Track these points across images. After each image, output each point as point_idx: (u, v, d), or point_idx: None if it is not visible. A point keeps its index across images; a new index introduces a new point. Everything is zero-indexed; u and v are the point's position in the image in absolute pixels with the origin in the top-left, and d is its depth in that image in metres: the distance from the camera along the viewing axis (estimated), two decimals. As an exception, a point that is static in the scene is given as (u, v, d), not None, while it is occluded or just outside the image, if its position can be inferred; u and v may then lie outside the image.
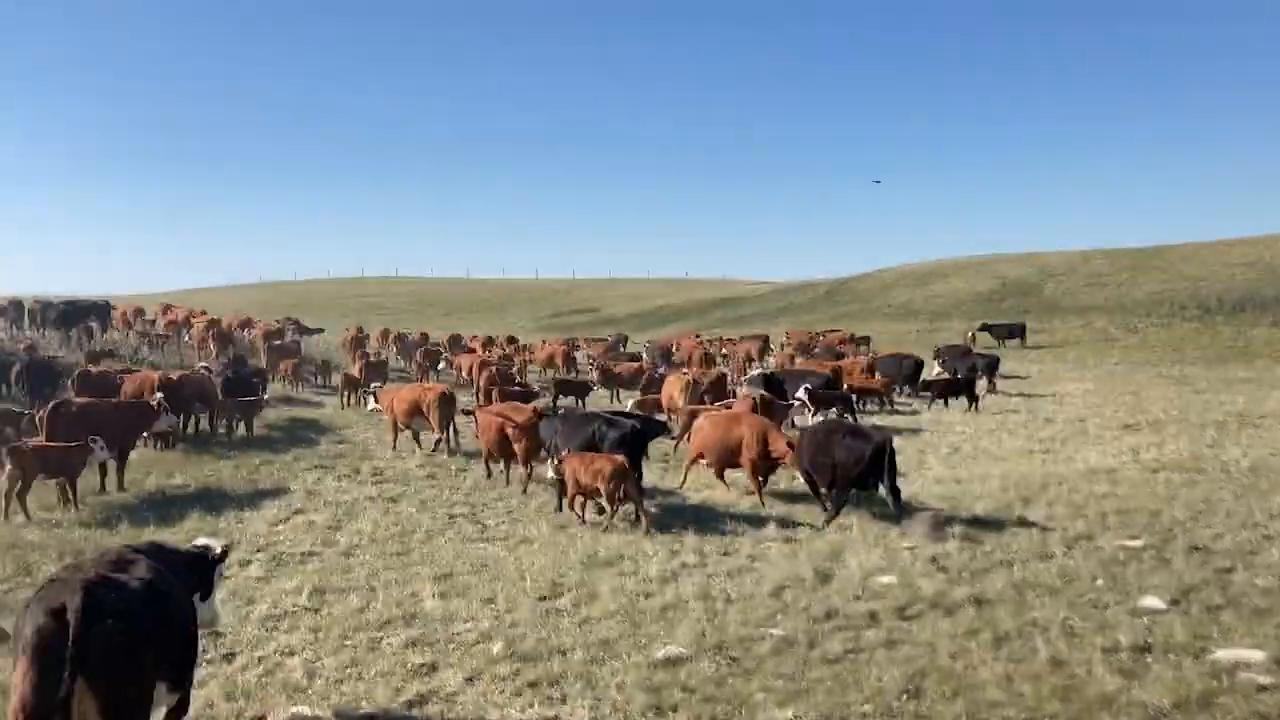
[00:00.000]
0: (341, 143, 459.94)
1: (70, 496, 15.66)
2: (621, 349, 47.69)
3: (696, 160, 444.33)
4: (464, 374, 33.55)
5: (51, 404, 17.32)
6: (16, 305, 38.36)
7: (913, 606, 10.66)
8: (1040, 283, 70.88)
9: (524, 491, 17.52)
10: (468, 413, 20.86)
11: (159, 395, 19.07)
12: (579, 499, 15.20)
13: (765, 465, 16.49)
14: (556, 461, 15.58)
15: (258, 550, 13.49)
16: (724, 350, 43.38)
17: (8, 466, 14.90)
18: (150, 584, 6.43)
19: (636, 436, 16.42)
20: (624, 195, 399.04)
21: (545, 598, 11.20)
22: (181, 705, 6.96)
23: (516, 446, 17.69)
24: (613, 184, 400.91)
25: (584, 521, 15.08)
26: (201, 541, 8.28)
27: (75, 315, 36.75)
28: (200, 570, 7.85)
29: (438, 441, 21.54)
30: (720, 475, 17.45)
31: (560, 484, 15.47)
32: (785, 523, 14.86)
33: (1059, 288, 68.57)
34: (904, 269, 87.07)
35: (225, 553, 8.20)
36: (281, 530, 14.70)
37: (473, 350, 40.41)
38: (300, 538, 14.28)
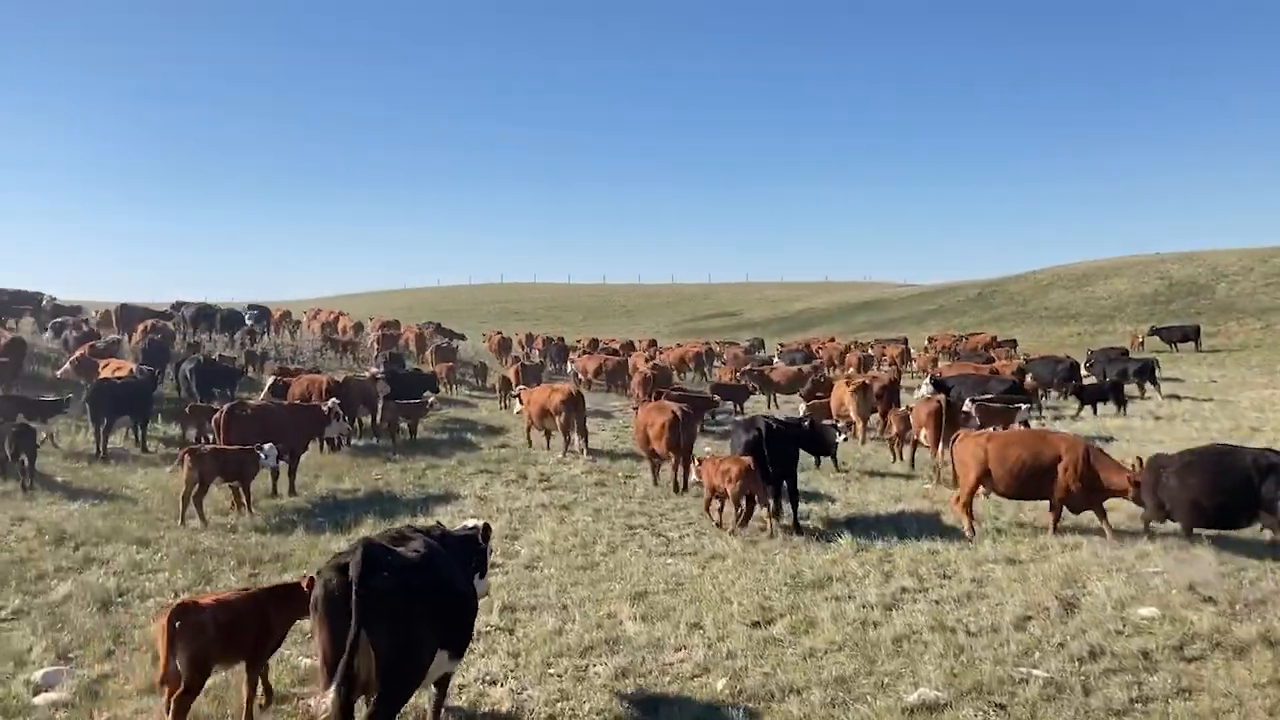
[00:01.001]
0: (484, 152, 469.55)
1: (244, 501, 15.33)
2: (758, 353, 46.42)
3: (833, 161, 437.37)
4: (589, 376, 34.55)
5: (227, 406, 17.11)
6: (185, 307, 39.40)
7: (1191, 645, 9.20)
8: (1211, 283, 66.54)
9: (677, 491, 17.23)
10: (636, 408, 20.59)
11: (334, 400, 18.72)
12: (714, 502, 14.87)
13: (1090, 497, 13.66)
14: (696, 464, 15.28)
15: (438, 561, 12.78)
16: (869, 352, 41.81)
17: (185, 469, 14.62)
18: (424, 554, 6.90)
19: (772, 437, 15.01)
20: (760, 198, 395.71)
21: (758, 624, 10.12)
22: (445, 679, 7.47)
23: (656, 445, 17.62)
24: (748, 187, 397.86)
25: (719, 525, 14.64)
26: (470, 523, 8.63)
27: (238, 319, 37.65)
28: (474, 549, 8.18)
29: (567, 442, 21.38)
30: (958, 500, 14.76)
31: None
32: (999, 539, 13.47)
33: (1233, 288, 64.20)
34: (1060, 270, 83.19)
35: (487, 531, 8.52)
36: (458, 540, 13.98)
37: (613, 353, 40.14)
38: (479, 548, 13.53)
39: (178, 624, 7.08)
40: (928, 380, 25.09)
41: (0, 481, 17.00)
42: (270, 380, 23.09)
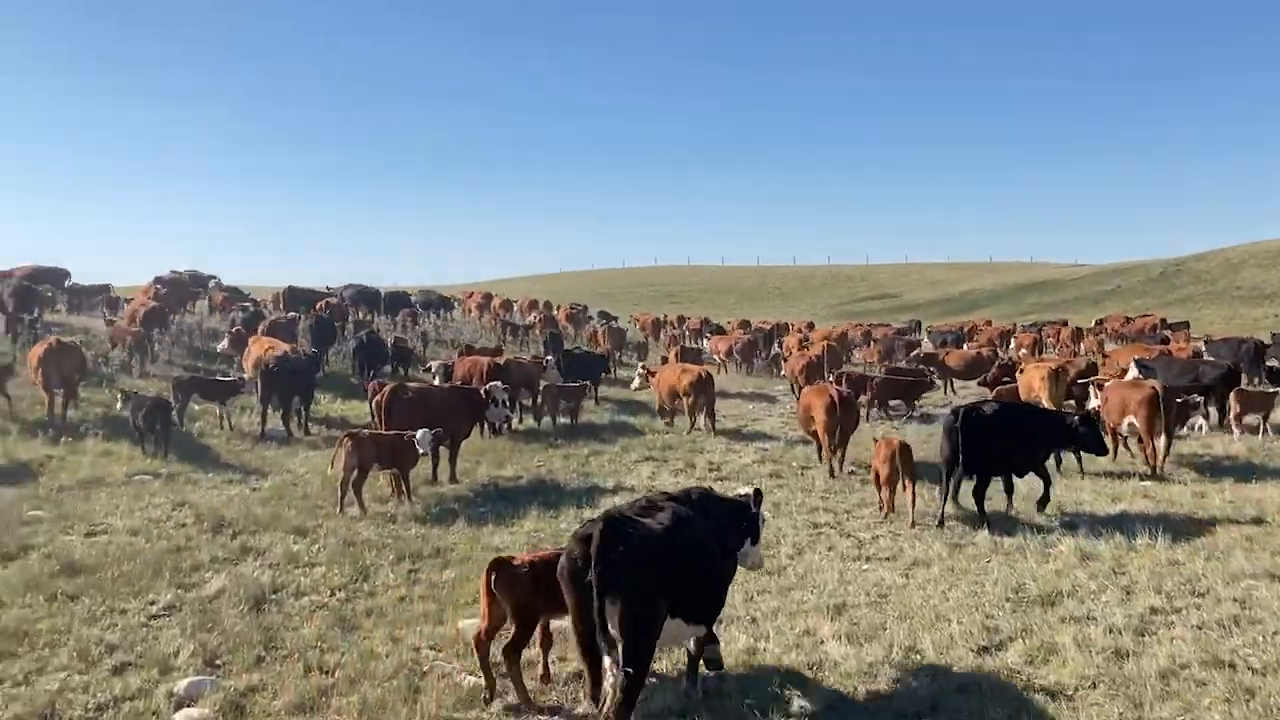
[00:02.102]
0: (637, 136, 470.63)
1: (404, 489, 14.60)
2: (912, 336, 43.88)
3: (997, 135, 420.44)
4: (720, 356, 34.73)
5: (389, 389, 16.47)
6: (347, 289, 40.20)
7: None
8: None
9: (831, 475, 16.44)
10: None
11: (496, 383, 17.89)
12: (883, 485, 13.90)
13: None
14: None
15: (607, 560, 11.67)
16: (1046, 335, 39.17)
17: (344, 454, 13.97)
18: (669, 526, 7.18)
19: (975, 423, 13.48)
20: (919, 177, 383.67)
21: (986, 649, 8.60)
22: (710, 638, 7.83)
23: (818, 426, 16.90)
24: (906, 167, 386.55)
25: (882, 510, 13.77)
26: (743, 491, 8.81)
27: (403, 301, 38.39)
28: (745, 517, 8.38)
29: (692, 423, 21.14)
30: None
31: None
32: (1250, 547, 11.52)
33: None
34: (1253, 247, 76.89)
35: (759, 497, 8.68)
36: (629, 536, 12.83)
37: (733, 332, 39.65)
38: (651, 546, 12.34)
39: (495, 577, 7.59)
40: (1133, 363, 22.70)
41: (165, 462, 16.91)
42: (438, 363, 22.77)
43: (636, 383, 23.54)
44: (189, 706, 7.33)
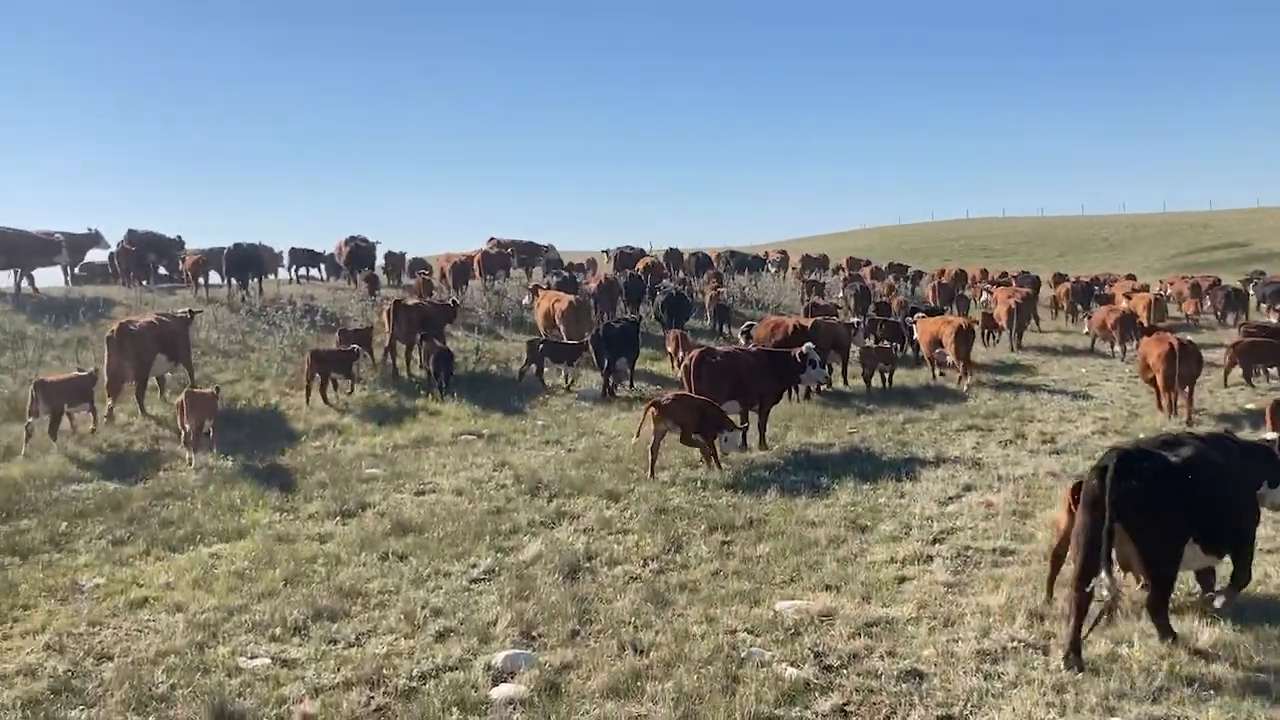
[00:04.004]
0: (944, 85, 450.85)
1: (712, 454, 14.23)
2: (1250, 290, 38.26)
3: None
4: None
5: (696, 353, 16.14)
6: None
7: None
8: None
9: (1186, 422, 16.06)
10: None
11: (809, 345, 17.13)
12: None
13: None
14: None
15: (934, 541, 10.69)
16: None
17: (652, 420, 13.78)
18: (1186, 458, 7.61)
19: None
20: (1259, 105, 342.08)
21: None
22: (1240, 574, 8.14)
23: (1156, 375, 16.88)
24: (1258, 96, 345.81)
25: None
26: (1269, 435, 9.16)
27: (706, 262, 39.26)
28: (1268, 459, 8.55)
29: (962, 376, 20.96)
30: None
31: None
32: None
33: None
34: None
35: None
36: (956, 514, 11.70)
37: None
38: (982, 526, 11.18)
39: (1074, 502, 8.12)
40: None
41: (484, 418, 17.59)
42: (745, 326, 22.57)
43: (915, 333, 23.29)
44: (506, 682, 7.20)
